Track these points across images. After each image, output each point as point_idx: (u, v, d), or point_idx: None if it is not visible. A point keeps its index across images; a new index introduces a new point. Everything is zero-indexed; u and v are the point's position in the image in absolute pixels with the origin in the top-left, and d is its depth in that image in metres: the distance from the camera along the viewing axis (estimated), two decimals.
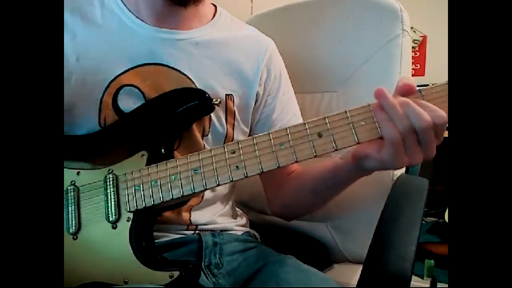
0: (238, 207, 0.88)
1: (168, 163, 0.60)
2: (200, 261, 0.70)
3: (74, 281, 0.59)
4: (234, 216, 0.83)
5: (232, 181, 0.57)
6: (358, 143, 0.54)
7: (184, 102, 0.66)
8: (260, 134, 0.57)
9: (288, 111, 0.82)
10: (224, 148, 0.58)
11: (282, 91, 0.82)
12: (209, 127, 0.72)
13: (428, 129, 0.52)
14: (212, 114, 0.71)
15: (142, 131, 0.65)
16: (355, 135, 0.54)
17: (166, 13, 0.71)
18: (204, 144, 0.72)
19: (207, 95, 0.67)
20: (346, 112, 0.55)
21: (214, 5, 0.82)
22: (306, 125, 0.55)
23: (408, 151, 0.54)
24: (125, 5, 0.72)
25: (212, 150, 0.58)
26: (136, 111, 0.67)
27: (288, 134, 0.55)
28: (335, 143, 0.54)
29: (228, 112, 0.74)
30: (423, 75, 3.60)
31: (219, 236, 0.74)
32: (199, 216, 0.74)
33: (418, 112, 0.51)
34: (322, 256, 0.92)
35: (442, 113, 0.52)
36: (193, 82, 0.71)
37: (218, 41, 0.75)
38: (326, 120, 0.55)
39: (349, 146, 0.55)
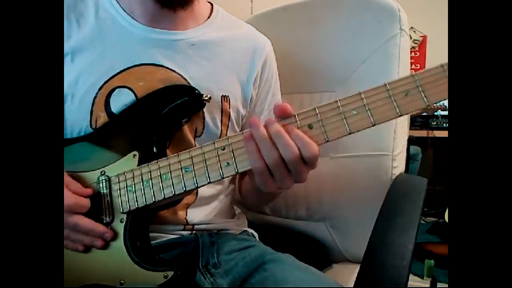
0: (236, 207, 0.88)
1: (159, 163, 0.60)
2: (198, 261, 0.69)
3: (71, 283, 0.59)
4: (232, 215, 0.83)
5: (223, 177, 0.56)
6: (350, 133, 0.53)
7: (174, 99, 0.65)
8: (250, 129, 0.56)
9: None
10: (214, 145, 0.57)
11: (272, 92, 0.82)
12: (203, 128, 0.72)
13: (295, 160, 0.52)
14: (206, 115, 0.71)
15: (133, 131, 0.65)
16: (346, 126, 0.53)
17: (159, 13, 0.70)
18: (196, 145, 0.71)
19: (196, 91, 0.66)
20: (337, 101, 0.54)
21: (211, 3, 0.81)
22: (296, 117, 0.54)
23: (277, 178, 0.54)
24: (119, 4, 0.71)
25: (202, 148, 0.58)
26: (126, 111, 0.66)
27: None
28: (326, 134, 0.53)
29: (224, 113, 0.73)
30: None
31: (216, 236, 0.74)
32: (195, 215, 0.74)
33: (287, 144, 0.52)
34: (321, 255, 0.92)
35: (312, 147, 0.52)
36: (189, 83, 0.70)
37: (214, 41, 0.75)
38: (317, 110, 0.54)
39: (341, 137, 0.54)
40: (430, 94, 0.50)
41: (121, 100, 0.67)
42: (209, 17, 0.78)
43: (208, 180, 0.57)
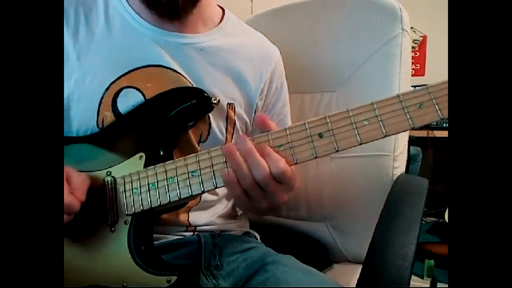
0: (238, 208, 0.88)
1: (165, 166, 0.59)
2: (200, 262, 0.69)
3: (73, 283, 0.59)
4: (234, 216, 0.83)
5: None
6: (360, 143, 0.52)
7: (183, 101, 0.65)
8: (259, 135, 0.55)
9: (284, 123, 0.82)
10: (222, 150, 0.56)
11: (281, 102, 0.82)
12: (208, 134, 0.71)
13: (266, 178, 0.52)
14: (212, 122, 0.70)
15: (140, 132, 0.64)
16: (357, 136, 0.52)
17: (165, 16, 0.69)
18: (200, 151, 0.70)
19: (205, 94, 0.66)
20: (348, 111, 0.52)
21: (222, 8, 0.80)
22: (306, 125, 0.53)
23: (252, 198, 0.55)
24: (129, 4, 0.70)
25: (209, 152, 0.57)
26: (134, 111, 0.66)
27: (287, 135, 0.54)
28: (336, 144, 0.52)
29: (229, 121, 0.73)
30: (423, 75, 3.61)
31: (218, 237, 0.74)
32: (197, 217, 0.74)
33: (257, 162, 0.52)
34: (322, 256, 0.92)
35: (281, 164, 0.52)
36: None
37: (223, 48, 0.74)
38: (327, 119, 0.53)
39: (351, 147, 0.52)
40: (445, 107, 0.49)
41: (128, 101, 0.66)
42: (220, 23, 0.77)
43: (215, 186, 0.56)
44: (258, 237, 0.85)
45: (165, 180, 0.59)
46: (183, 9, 0.67)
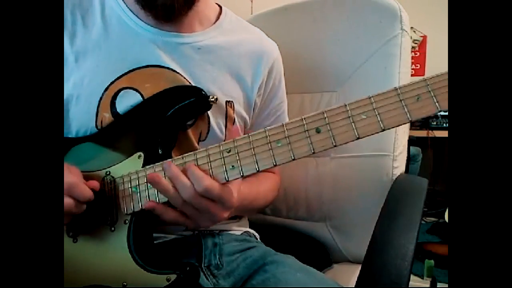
0: None
1: (164, 164, 0.59)
2: (200, 262, 0.69)
3: (74, 283, 0.59)
4: (234, 216, 0.83)
5: (228, 180, 0.56)
6: (358, 138, 0.52)
7: (181, 100, 0.65)
8: (256, 132, 0.55)
9: (281, 120, 0.82)
10: (220, 147, 0.56)
11: (278, 99, 0.82)
12: (207, 133, 0.71)
13: (194, 198, 0.55)
14: (211, 120, 0.70)
15: (139, 132, 0.64)
16: (355, 130, 0.51)
17: (160, 18, 0.68)
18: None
19: (203, 92, 0.66)
20: (345, 105, 0.52)
21: (220, 6, 0.80)
22: (304, 120, 0.53)
23: (190, 217, 0.58)
24: (125, 4, 0.70)
25: (208, 150, 0.57)
26: (132, 111, 0.66)
27: (284, 131, 0.54)
28: (334, 138, 0.52)
29: (228, 119, 0.73)
30: (423, 75, 3.59)
31: (218, 237, 0.74)
32: None
33: (183, 184, 0.55)
34: (322, 256, 0.92)
35: (204, 182, 0.54)
36: None
37: (221, 46, 0.74)
38: (325, 114, 0.53)
39: (349, 142, 0.52)
40: (443, 99, 0.49)
41: (127, 102, 0.66)
42: (217, 20, 0.77)
43: None
44: (258, 236, 0.85)
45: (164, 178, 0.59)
46: (179, 11, 0.67)
